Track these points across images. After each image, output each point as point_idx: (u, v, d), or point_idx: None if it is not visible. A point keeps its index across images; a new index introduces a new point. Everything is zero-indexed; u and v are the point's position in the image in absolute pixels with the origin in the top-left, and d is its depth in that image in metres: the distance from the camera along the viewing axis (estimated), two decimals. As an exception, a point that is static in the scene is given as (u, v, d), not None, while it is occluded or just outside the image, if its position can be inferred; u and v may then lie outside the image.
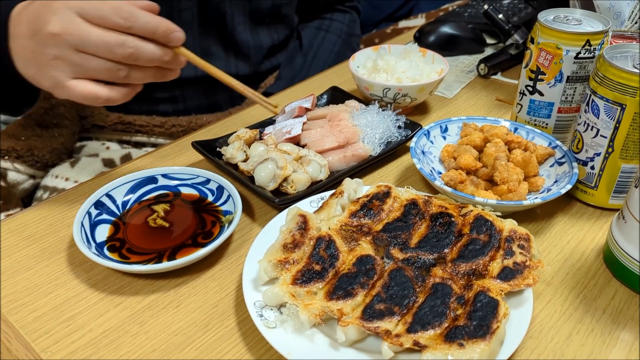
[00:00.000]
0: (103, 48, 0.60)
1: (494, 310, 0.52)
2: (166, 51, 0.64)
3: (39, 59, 0.62)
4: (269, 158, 0.74)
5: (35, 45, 0.62)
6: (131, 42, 0.61)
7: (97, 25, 0.60)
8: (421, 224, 0.63)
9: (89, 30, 0.59)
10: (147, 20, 0.61)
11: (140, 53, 0.61)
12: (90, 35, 0.59)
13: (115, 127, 1.10)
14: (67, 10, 0.60)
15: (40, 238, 0.68)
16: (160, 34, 0.62)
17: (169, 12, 1.03)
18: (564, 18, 0.78)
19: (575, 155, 0.73)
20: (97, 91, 0.62)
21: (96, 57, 0.61)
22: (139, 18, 0.60)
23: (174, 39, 0.64)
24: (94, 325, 0.57)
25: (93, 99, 0.62)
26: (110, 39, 0.60)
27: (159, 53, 0.63)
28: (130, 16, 0.60)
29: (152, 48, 0.62)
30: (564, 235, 0.70)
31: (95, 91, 0.62)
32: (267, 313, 0.55)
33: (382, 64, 0.94)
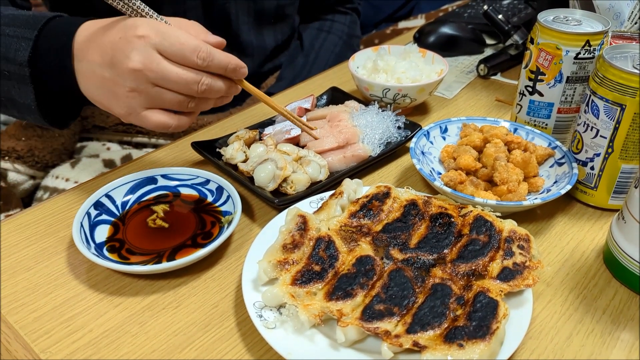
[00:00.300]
0: (181, 85, 0.64)
1: (494, 311, 0.52)
2: (231, 84, 0.68)
3: (115, 89, 0.65)
4: (268, 158, 0.74)
5: (112, 76, 0.64)
6: (205, 80, 0.65)
7: (176, 63, 0.63)
8: (421, 225, 0.63)
9: (169, 68, 0.63)
10: (220, 60, 0.65)
11: (212, 89, 0.66)
12: (170, 74, 0.63)
13: (116, 128, 1.10)
14: (147, 47, 0.62)
15: (40, 238, 0.68)
16: (230, 71, 0.66)
17: (174, 13, 1.03)
18: (563, 18, 0.78)
19: (575, 156, 0.73)
20: (167, 121, 0.66)
21: (171, 91, 0.64)
22: (214, 58, 0.64)
23: (240, 75, 0.68)
24: (94, 325, 0.57)
25: (163, 128, 0.67)
26: (188, 77, 0.63)
27: (225, 87, 0.67)
28: (207, 57, 0.63)
29: (222, 84, 0.67)
30: (564, 235, 0.70)
31: (166, 121, 0.66)
32: (266, 313, 0.55)
33: (382, 64, 0.94)
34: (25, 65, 0.68)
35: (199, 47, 0.63)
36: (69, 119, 0.78)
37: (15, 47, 0.68)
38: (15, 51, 0.68)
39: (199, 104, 0.68)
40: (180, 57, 0.63)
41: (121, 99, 0.65)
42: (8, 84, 0.71)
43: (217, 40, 0.67)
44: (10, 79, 0.70)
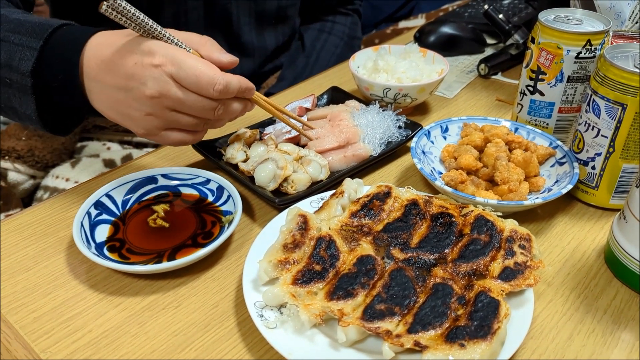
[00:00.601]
0: (197, 111, 0.65)
1: (495, 311, 0.51)
2: (245, 104, 0.70)
3: (130, 112, 0.66)
4: (269, 158, 0.74)
5: (127, 99, 0.65)
6: (221, 106, 0.66)
7: (194, 92, 0.64)
8: (422, 224, 0.63)
9: (185, 96, 0.64)
10: (234, 87, 0.65)
11: (227, 112, 0.68)
12: (187, 101, 0.64)
13: (117, 128, 1.10)
14: (163, 76, 0.62)
15: (40, 238, 0.68)
16: (241, 94, 0.67)
17: (176, 12, 1.03)
18: (564, 18, 0.78)
19: (576, 155, 0.73)
20: (185, 139, 0.69)
21: (187, 115, 0.66)
22: (230, 88, 0.64)
23: (249, 95, 0.69)
24: (93, 325, 0.57)
25: (180, 144, 0.69)
26: (205, 104, 0.65)
27: (241, 108, 0.69)
28: (224, 87, 0.63)
29: (237, 106, 0.68)
30: (565, 235, 0.69)
31: (184, 139, 0.69)
32: (267, 313, 0.55)
33: (382, 64, 0.94)
34: (28, 76, 0.67)
35: (214, 79, 0.63)
36: (71, 126, 0.78)
37: (19, 55, 0.67)
38: (19, 60, 0.67)
39: (214, 123, 0.70)
40: (196, 88, 0.63)
41: (137, 121, 0.66)
42: (9, 91, 0.70)
43: (230, 60, 0.67)
44: (12, 87, 0.69)
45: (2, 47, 0.68)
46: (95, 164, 1.05)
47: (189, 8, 1.04)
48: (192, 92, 0.64)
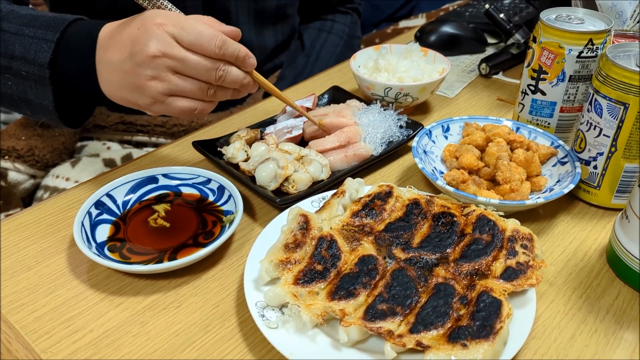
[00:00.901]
0: (200, 71, 0.65)
1: (497, 311, 0.51)
2: (246, 75, 0.69)
3: (136, 80, 0.65)
4: (270, 158, 0.73)
5: (132, 67, 0.65)
6: (222, 67, 0.66)
7: (193, 51, 0.64)
8: (423, 224, 0.63)
9: (187, 55, 0.64)
10: (235, 48, 0.66)
11: (228, 76, 0.67)
12: (189, 60, 0.64)
13: (117, 127, 1.10)
14: (165, 35, 0.64)
15: (41, 238, 0.68)
16: (241, 60, 0.68)
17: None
18: (566, 17, 0.77)
19: (577, 155, 0.73)
20: (192, 105, 0.68)
21: (191, 78, 0.66)
22: (229, 46, 0.65)
23: (248, 64, 0.69)
24: (94, 325, 0.56)
25: (189, 113, 0.68)
26: (207, 64, 0.65)
27: (241, 76, 0.69)
28: (222, 44, 0.65)
29: (236, 72, 0.68)
30: (567, 235, 0.69)
31: (191, 105, 0.68)
32: (268, 313, 0.54)
33: (383, 63, 0.94)
34: (46, 67, 0.69)
35: (215, 35, 0.64)
36: (83, 118, 0.80)
37: (36, 48, 0.69)
38: (35, 52, 0.69)
39: (218, 93, 0.69)
40: (197, 46, 0.64)
41: (143, 89, 0.66)
42: (25, 84, 0.71)
43: (231, 29, 0.68)
44: (27, 79, 0.71)
45: (17, 41, 0.70)
46: (95, 164, 1.05)
47: (188, 7, 1.03)
48: (194, 52, 0.64)
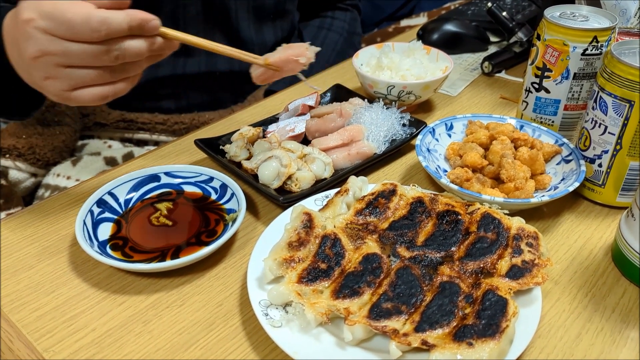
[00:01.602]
0: (89, 59, 0.58)
1: (503, 309, 0.51)
2: (151, 41, 0.61)
3: (35, 80, 0.62)
4: (272, 156, 0.73)
5: (26, 68, 0.61)
6: (115, 46, 0.58)
7: (73, 40, 0.57)
8: (427, 222, 0.62)
9: (68, 47, 0.57)
10: (119, 22, 0.57)
11: (127, 52, 0.59)
12: (71, 51, 0.57)
13: (118, 125, 1.10)
14: (37, 32, 0.57)
15: (42, 236, 0.67)
16: (137, 29, 0.59)
17: (174, 8, 1.02)
18: (570, 15, 0.77)
19: (582, 153, 0.72)
20: (101, 92, 0.61)
21: (85, 67, 0.59)
22: (110, 23, 0.57)
23: (149, 30, 0.60)
24: (97, 324, 0.56)
25: (102, 99, 0.62)
26: (93, 50, 0.58)
27: (145, 46, 0.60)
28: (101, 25, 0.56)
29: (136, 44, 0.60)
30: (572, 233, 0.69)
31: (100, 93, 0.61)
32: (272, 312, 0.54)
33: (386, 61, 0.93)
34: None
35: (88, 18, 0.56)
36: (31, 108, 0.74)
37: None
38: None
39: (127, 68, 0.61)
40: (72, 35, 0.57)
41: (44, 89, 0.62)
42: None
43: (111, 1, 0.59)
44: None
45: None
46: (96, 162, 1.05)
47: (187, 3, 1.03)
48: (73, 41, 0.57)
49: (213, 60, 1.11)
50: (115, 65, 0.60)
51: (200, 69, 1.10)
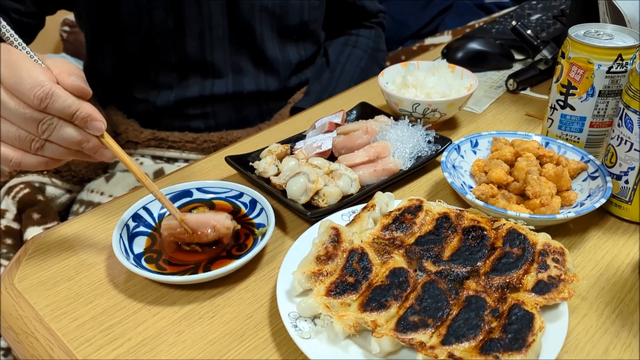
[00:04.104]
0: (17, 120, 0.58)
1: (530, 324, 0.51)
2: (88, 137, 0.60)
3: None
4: (300, 172, 0.75)
5: None
6: (48, 120, 0.58)
7: (15, 95, 0.57)
8: (453, 237, 0.63)
9: (5, 99, 0.57)
10: (66, 105, 0.57)
11: (56, 132, 0.59)
12: (6, 104, 0.57)
13: (149, 143, 1.13)
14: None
15: (80, 249, 0.70)
16: (80, 121, 0.59)
17: (200, 30, 1.06)
18: (595, 33, 0.78)
19: (608, 170, 0.73)
20: (5, 153, 0.60)
21: (11, 123, 0.58)
22: (56, 101, 0.57)
23: (92, 129, 0.60)
24: (132, 334, 0.58)
25: (3, 161, 0.60)
26: (25, 113, 0.57)
27: (78, 138, 0.60)
28: (46, 97, 0.56)
29: (70, 132, 0.59)
30: (599, 249, 0.69)
31: (4, 153, 0.60)
32: (301, 324, 0.55)
33: (411, 79, 0.95)
34: None
35: (39, 84, 0.56)
36: None
37: None
38: None
39: (47, 147, 0.60)
40: (17, 91, 0.56)
41: None
42: None
43: (75, 84, 0.58)
44: None
45: None
46: (128, 178, 1.08)
47: (214, 25, 1.06)
48: (14, 96, 0.57)
49: (240, 81, 1.13)
50: (35, 139, 0.59)
51: (228, 89, 1.13)
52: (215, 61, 1.09)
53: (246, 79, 1.14)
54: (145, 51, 1.07)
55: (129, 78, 1.12)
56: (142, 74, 1.11)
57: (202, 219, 0.67)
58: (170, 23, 1.04)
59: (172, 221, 0.67)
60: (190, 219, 0.66)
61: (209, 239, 0.67)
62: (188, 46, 1.07)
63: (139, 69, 1.10)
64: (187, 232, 0.66)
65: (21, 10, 0.96)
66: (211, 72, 1.11)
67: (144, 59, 1.09)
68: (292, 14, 1.13)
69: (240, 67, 1.13)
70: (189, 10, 1.03)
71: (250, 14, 1.08)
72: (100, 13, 1.06)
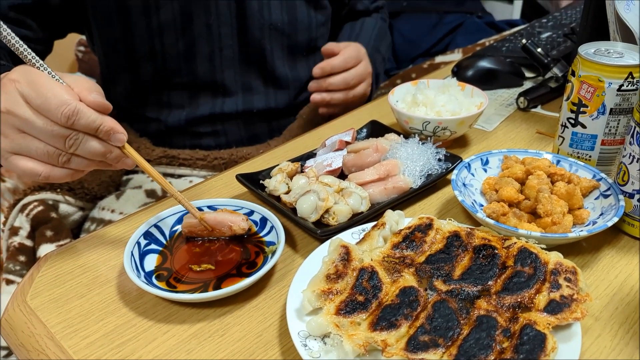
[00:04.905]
0: (46, 136, 0.62)
1: (542, 344, 0.51)
2: (111, 149, 0.65)
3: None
4: (310, 190, 0.75)
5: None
6: (74, 135, 0.62)
7: (41, 114, 0.61)
8: (464, 256, 0.63)
9: (32, 117, 0.61)
10: (90, 120, 0.61)
11: (82, 146, 0.63)
12: (34, 122, 0.61)
13: (161, 161, 1.14)
14: (15, 92, 0.61)
15: (93, 267, 0.70)
16: (103, 134, 0.63)
17: (211, 51, 1.07)
18: (605, 51, 0.78)
19: (621, 188, 0.72)
20: (35, 168, 0.64)
21: (39, 140, 0.62)
22: (81, 118, 0.61)
23: (115, 140, 0.64)
24: (143, 352, 0.58)
25: (31, 176, 0.64)
26: (54, 130, 0.61)
27: (102, 150, 0.64)
28: (72, 115, 0.60)
29: (95, 145, 0.63)
30: (612, 269, 0.68)
31: (33, 168, 0.64)
32: (311, 343, 0.55)
33: (421, 97, 0.95)
34: None
35: (65, 103, 0.60)
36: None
37: None
38: None
39: (73, 160, 0.64)
40: (44, 110, 0.61)
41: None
42: None
43: (96, 101, 0.62)
44: None
45: None
46: (137, 195, 1.09)
47: (224, 46, 1.08)
48: (41, 115, 0.61)
49: (250, 99, 1.15)
50: (62, 153, 0.63)
51: (238, 107, 1.14)
52: (225, 81, 1.11)
53: (256, 97, 1.15)
54: (157, 74, 1.09)
55: (141, 99, 1.14)
56: (154, 95, 1.12)
57: (219, 218, 0.72)
58: (181, 46, 1.06)
59: (192, 219, 0.72)
60: (209, 218, 0.72)
61: (225, 235, 0.72)
62: (199, 67, 1.08)
63: (151, 90, 1.12)
64: (206, 229, 0.72)
65: (29, 36, 0.98)
66: (221, 91, 1.12)
67: (157, 81, 1.10)
68: (301, 31, 1.15)
69: (250, 86, 1.14)
70: (199, 33, 1.05)
71: (260, 33, 1.09)
72: (113, 38, 1.08)
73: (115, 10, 1.02)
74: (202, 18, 1.04)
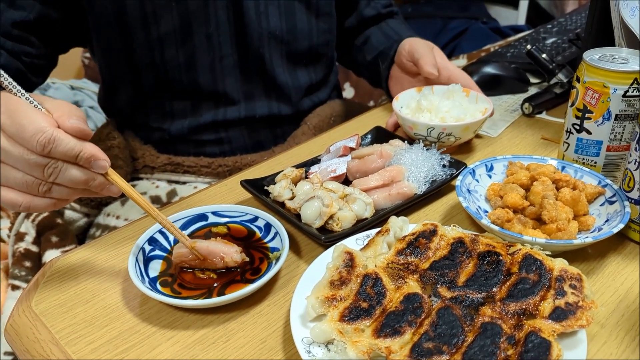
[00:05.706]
0: (22, 166, 0.60)
1: (547, 352, 0.51)
2: (93, 176, 0.62)
3: None
4: (315, 196, 0.75)
5: None
6: (53, 164, 0.59)
7: (18, 143, 0.59)
8: (468, 263, 0.63)
9: (8, 147, 0.59)
10: (68, 148, 0.59)
11: (61, 176, 0.61)
12: (10, 152, 0.59)
13: (165, 168, 1.14)
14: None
15: (97, 273, 0.71)
16: (84, 162, 0.61)
17: (211, 61, 1.08)
18: (610, 57, 0.78)
19: (626, 194, 0.72)
20: (15, 198, 0.61)
21: (17, 169, 0.60)
22: (58, 145, 0.58)
23: (97, 168, 0.62)
24: (147, 357, 0.58)
25: (13, 206, 0.62)
26: (30, 159, 0.59)
27: (83, 178, 0.61)
28: (48, 143, 0.58)
29: (76, 173, 0.61)
30: (618, 275, 0.68)
31: (13, 198, 0.61)
32: (314, 349, 0.55)
33: (425, 103, 0.95)
34: None
35: (40, 130, 0.57)
36: None
37: None
38: None
39: (54, 190, 0.62)
40: (20, 139, 0.58)
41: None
42: None
43: (75, 127, 0.59)
44: None
45: None
46: (142, 201, 1.09)
47: (224, 55, 1.08)
48: (17, 143, 0.59)
49: (252, 106, 1.15)
50: (43, 183, 0.61)
51: (240, 114, 1.14)
52: (227, 89, 1.11)
53: (258, 104, 1.16)
54: (159, 84, 1.09)
55: (143, 108, 1.14)
56: (156, 104, 1.13)
57: (212, 248, 0.68)
58: (181, 56, 1.06)
59: (183, 249, 0.68)
60: (200, 247, 0.68)
61: (217, 267, 0.68)
62: (200, 77, 1.08)
63: (153, 100, 1.13)
64: (197, 259, 0.68)
65: (32, 53, 0.99)
66: (223, 100, 1.13)
67: (158, 91, 1.11)
68: (301, 39, 1.15)
69: (252, 94, 1.14)
70: (199, 43, 1.05)
71: (259, 42, 1.09)
72: (114, 50, 1.08)
73: (115, 23, 1.03)
74: (202, 28, 1.05)
